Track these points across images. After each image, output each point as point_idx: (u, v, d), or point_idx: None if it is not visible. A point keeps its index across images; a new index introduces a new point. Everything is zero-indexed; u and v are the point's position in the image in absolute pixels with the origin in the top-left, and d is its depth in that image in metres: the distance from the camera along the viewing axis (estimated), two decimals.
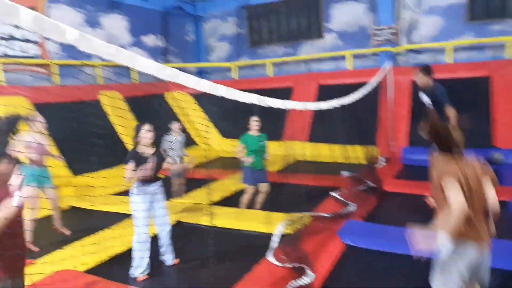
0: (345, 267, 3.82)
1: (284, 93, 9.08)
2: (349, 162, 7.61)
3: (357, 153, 7.50)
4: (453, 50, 9.05)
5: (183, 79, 2.07)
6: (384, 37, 9.56)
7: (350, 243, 4.21)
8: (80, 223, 5.49)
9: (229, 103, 3.24)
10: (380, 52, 9.77)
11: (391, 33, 9.48)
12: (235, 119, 6.37)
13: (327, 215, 4.91)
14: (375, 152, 8.00)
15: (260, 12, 11.67)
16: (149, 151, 3.89)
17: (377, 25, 9.71)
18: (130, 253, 3.90)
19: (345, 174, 7.00)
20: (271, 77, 11.13)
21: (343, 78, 9.56)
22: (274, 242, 4.15)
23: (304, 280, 3.34)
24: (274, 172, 7.17)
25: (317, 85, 9.79)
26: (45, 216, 5.27)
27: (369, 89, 6.95)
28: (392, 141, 8.44)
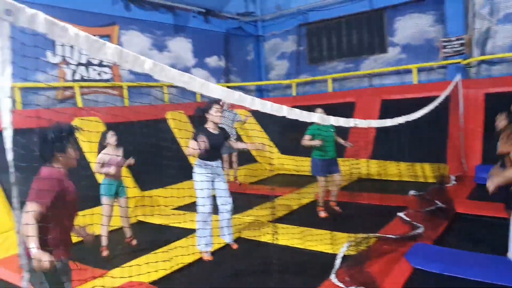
0: None
1: (346, 109, 8.94)
2: (417, 180, 7.26)
3: (425, 171, 7.13)
4: None
5: (249, 102, 2.14)
6: (453, 48, 9.11)
7: (418, 266, 4.00)
8: (147, 237, 5.74)
9: (288, 120, 3.27)
10: (448, 64, 9.31)
11: (460, 44, 9.00)
12: (295, 136, 6.37)
13: (393, 236, 4.71)
14: (445, 170, 7.56)
15: (319, 28, 11.70)
16: (215, 130, 4.20)
17: (445, 37, 9.28)
18: (195, 266, 4.00)
19: (413, 194, 6.69)
20: (331, 92, 11.03)
21: (408, 93, 9.21)
22: (338, 263, 4.05)
23: None
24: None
25: (380, 100, 9.53)
26: (116, 229, 5.59)
27: (437, 104, 6.62)
28: (463, 159, 7.93)
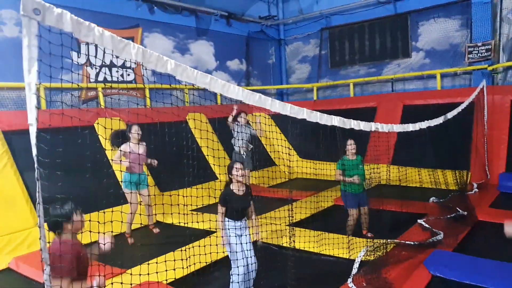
0: None
1: (367, 114, 8.84)
2: (438, 187, 7.10)
3: (447, 178, 6.97)
4: None
5: (269, 104, 2.14)
6: (479, 54, 8.90)
7: (437, 274, 3.92)
8: (165, 237, 5.81)
9: (308, 124, 3.25)
10: (473, 70, 9.10)
11: (486, 50, 8.79)
12: (314, 140, 6.35)
13: (412, 243, 4.62)
14: (467, 177, 7.38)
15: (342, 32, 11.63)
16: (240, 191, 4.01)
17: (471, 42, 9.08)
18: (212, 267, 4.02)
19: (434, 201, 6.55)
20: (353, 97, 10.93)
21: (431, 98, 9.03)
22: (356, 268, 4.00)
23: None
24: None
25: (402, 106, 9.39)
26: (137, 228, 5.68)
27: (460, 110, 6.48)
28: (487, 166, 7.72)
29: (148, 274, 3.64)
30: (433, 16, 9.87)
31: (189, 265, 4.31)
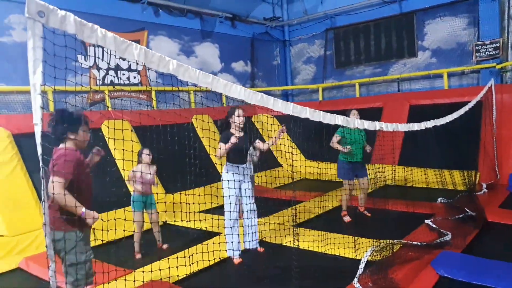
0: None
1: (373, 114, 8.80)
2: (445, 188, 7.05)
3: (455, 179, 6.91)
4: None
5: (271, 103, 2.15)
6: (487, 52, 8.82)
7: (445, 275, 3.88)
8: (171, 238, 5.83)
9: (312, 125, 3.26)
10: (481, 69, 9.03)
11: (494, 48, 8.71)
12: (319, 141, 6.33)
13: (419, 243, 4.59)
14: (476, 178, 7.31)
15: (347, 32, 11.60)
16: (239, 134, 4.34)
17: (479, 40, 9.00)
18: (218, 268, 4.04)
19: (442, 201, 6.50)
20: (359, 97, 10.89)
21: (438, 98, 8.97)
22: (361, 268, 3.98)
23: None
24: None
25: (408, 106, 9.34)
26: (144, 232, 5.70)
27: (468, 109, 6.43)
28: (496, 166, 7.64)
29: (151, 271, 3.68)
30: (439, 15, 9.82)
31: (195, 267, 4.34)
